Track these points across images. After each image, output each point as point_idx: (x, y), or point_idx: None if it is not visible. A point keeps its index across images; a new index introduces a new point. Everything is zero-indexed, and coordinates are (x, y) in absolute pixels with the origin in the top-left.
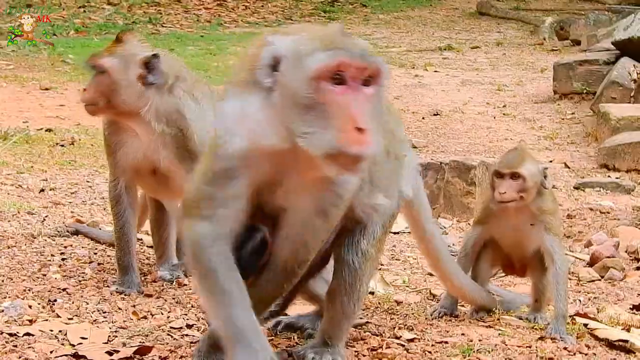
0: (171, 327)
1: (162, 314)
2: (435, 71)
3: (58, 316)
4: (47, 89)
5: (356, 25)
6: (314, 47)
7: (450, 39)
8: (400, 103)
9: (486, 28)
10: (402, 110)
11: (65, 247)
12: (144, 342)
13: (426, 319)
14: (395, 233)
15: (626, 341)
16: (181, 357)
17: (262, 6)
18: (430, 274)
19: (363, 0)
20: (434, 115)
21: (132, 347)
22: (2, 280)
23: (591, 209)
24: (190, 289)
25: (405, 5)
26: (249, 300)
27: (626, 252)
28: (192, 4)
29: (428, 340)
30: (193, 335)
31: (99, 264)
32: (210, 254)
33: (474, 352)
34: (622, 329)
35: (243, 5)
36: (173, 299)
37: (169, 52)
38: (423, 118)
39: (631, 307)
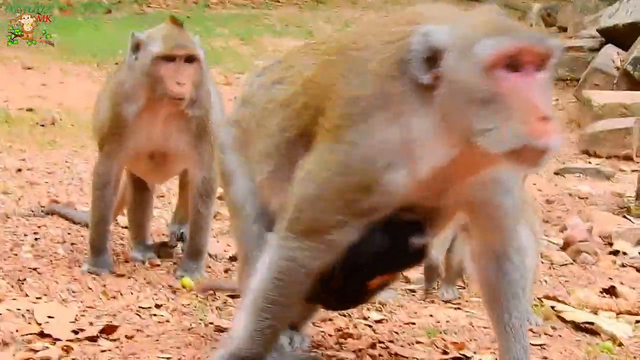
0: (140, 307)
1: (132, 294)
2: None
3: (27, 295)
4: (29, 68)
5: (344, 8)
6: (483, 33)
7: None
8: None
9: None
10: None
11: (39, 227)
12: (111, 322)
13: (395, 301)
14: None
15: (592, 323)
16: (147, 335)
17: None
18: None
19: None
20: None
21: (98, 326)
22: None
23: (570, 195)
24: (162, 270)
25: None
26: None
27: (600, 237)
28: None
29: (396, 321)
30: (162, 315)
31: (72, 244)
32: (300, 282)
33: (439, 333)
34: (589, 312)
35: None
36: (144, 279)
37: None
38: None
39: (601, 290)
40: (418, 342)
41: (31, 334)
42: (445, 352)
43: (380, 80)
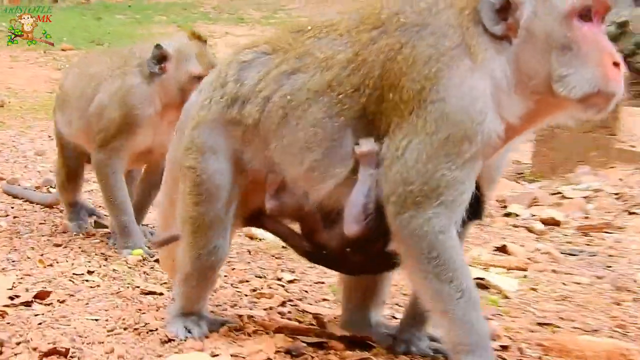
0: (73, 274)
1: (67, 261)
2: None
3: None
4: None
5: None
6: None
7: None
8: None
9: None
10: None
11: None
12: (45, 288)
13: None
14: None
15: (482, 279)
16: (78, 299)
17: None
18: None
19: None
20: None
21: (33, 292)
22: None
23: None
24: (96, 240)
25: None
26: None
27: (496, 200)
28: None
29: (307, 281)
30: (93, 281)
31: (14, 217)
32: (452, 247)
33: None
34: (482, 269)
35: None
36: (79, 247)
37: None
38: None
39: (494, 248)
40: (324, 300)
41: None
42: None
43: (456, 32)
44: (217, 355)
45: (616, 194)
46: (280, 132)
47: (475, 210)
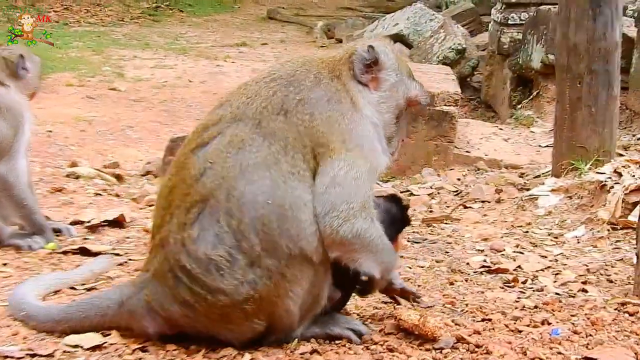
0: None
1: None
2: (233, 62)
3: None
4: None
5: (175, 26)
6: (418, 85)
7: (245, 37)
8: (205, 86)
9: (273, 29)
10: (205, 92)
11: None
12: None
13: None
14: None
15: None
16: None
17: (100, 10)
18: None
19: (180, 7)
20: None
21: None
22: None
23: None
24: None
25: (212, 11)
26: None
27: None
28: (43, 8)
29: None
30: (6, 271)
31: None
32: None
33: None
34: None
35: (85, 9)
36: None
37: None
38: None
39: None
40: None
41: None
42: None
43: (342, 92)
44: None
45: (455, 191)
46: None
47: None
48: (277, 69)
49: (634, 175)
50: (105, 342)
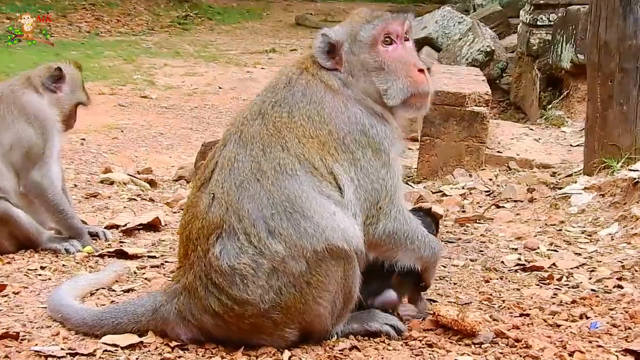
0: (28, 269)
1: (23, 259)
2: (262, 68)
3: None
4: None
5: (204, 34)
6: (361, 22)
7: (275, 43)
8: (235, 93)
9: (302, 35)
10: (235, 98)
11: None
12: (2, 282)
13: None
14: None
15: None
16: (31, 291)
17: (130, 20)
18: None
19: (209, 15)
20: None
21: None
22: None
23: None
24: None
25: (241, 18)
26: None
27: None
28: (75, 18)
29: None
30: (45, 274)
31: None
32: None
33: None
34: None
35: (116, 19)
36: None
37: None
38: None
39: None
40: None
41: None
42: None
43: (316, 84)
44: None
45: (487, 191)
46: None
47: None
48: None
49: None
50: (142, 342)
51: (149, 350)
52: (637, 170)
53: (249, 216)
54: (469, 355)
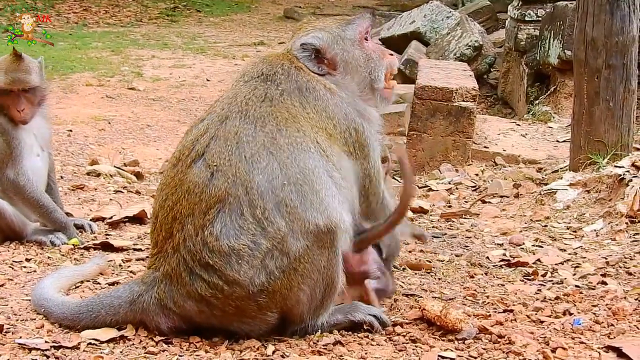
0: (13, 261)
1: (8, 251)
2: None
3: None
4: None
5: (192, 26)
6: (343, 24)
7: (263, 36)
8: (223, 85)
9: (290, 28)
10: (223, 91)
11: None
12: None
13: None
14: None
15: None
16: (16, 283)
17: (119, 11)
18: None
19: (197, 7)
20: None
21: None
22: None
23: None
24: None
25: (229, 11)
26: None
27: None
28: (63, 9)
29: None
30: (30, 267)
31: None
32: None
33: None
34: None
35: (104, 10)
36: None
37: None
38: None
39: None
40: None
41: None
42: None
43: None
44: None
45: (473, 186)
46: None
47: None
48: (246, 72)
49: None
50: (124, 335)
51: (133, 344)
52: (623, 167)
53: (258, 187)
54: (452, 350)
